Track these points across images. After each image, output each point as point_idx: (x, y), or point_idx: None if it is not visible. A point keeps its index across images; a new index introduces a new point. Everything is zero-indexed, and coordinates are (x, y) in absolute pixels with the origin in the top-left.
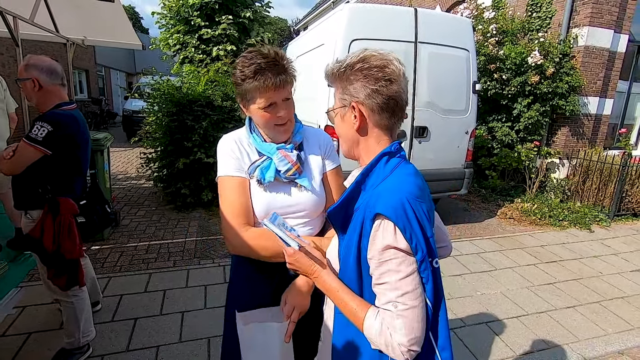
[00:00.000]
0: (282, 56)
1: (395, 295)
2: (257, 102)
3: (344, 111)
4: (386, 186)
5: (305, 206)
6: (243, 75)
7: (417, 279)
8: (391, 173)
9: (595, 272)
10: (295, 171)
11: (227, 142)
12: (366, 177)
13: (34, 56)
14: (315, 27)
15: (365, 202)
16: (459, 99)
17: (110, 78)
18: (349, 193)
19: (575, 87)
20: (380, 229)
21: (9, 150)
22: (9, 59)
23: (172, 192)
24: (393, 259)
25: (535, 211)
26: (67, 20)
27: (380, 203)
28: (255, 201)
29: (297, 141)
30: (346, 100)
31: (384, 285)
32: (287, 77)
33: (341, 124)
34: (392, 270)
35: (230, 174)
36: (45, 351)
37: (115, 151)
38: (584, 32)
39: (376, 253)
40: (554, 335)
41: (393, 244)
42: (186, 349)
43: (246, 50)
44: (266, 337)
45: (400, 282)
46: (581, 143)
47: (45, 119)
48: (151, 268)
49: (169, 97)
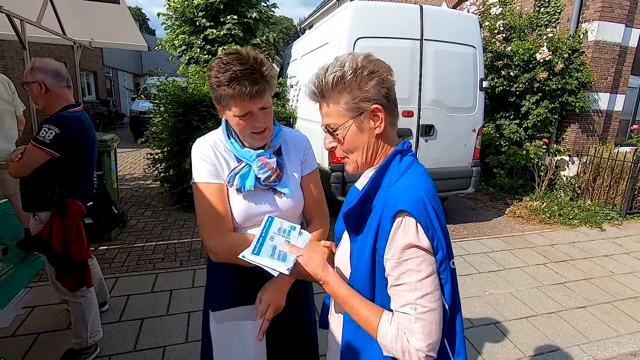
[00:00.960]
0: (262, 62)
1: (414, 296)
2: (232, 110)
3: (361, 119)
4: (404, 184)
5: (283, 211)
6: (218, 81)
7: (436, 280)
8: (406, 171)
9: (607, 271)
10: (275, 178)
11: (201, 146)
12: (382, 175)
13: (39, 59)
14: (320, 26)
15: (382, 201)
16: (465, 96)
17: (118, 79)
18: (366, 192)
19: (585, 83)
20: (401, 227)
21: (17, 152)
22: (17, 62)
23: (179, 192)
24: (414, 258)
25: (545, 210)
26: (74, 22)
27: (402, 200)
28: (235, 208)
29: (275, 145)
30: (362, 106)
31: (402, 286)
32: (265, 86)
33: (357, 135)
34: (412, 270)
35: (207, 180)
36: (53, 351)
37: (123, 152)
38: (594, 27)
39: (396, 252)
40: (564, 336)
41: (415, 242)
42: (192, 350)
43: (224, 53)
44: (240, 336)
45: (420, 283)
46: (591, 140)
47: (53, 121)
48: (158, 268)
49: (174, 97)
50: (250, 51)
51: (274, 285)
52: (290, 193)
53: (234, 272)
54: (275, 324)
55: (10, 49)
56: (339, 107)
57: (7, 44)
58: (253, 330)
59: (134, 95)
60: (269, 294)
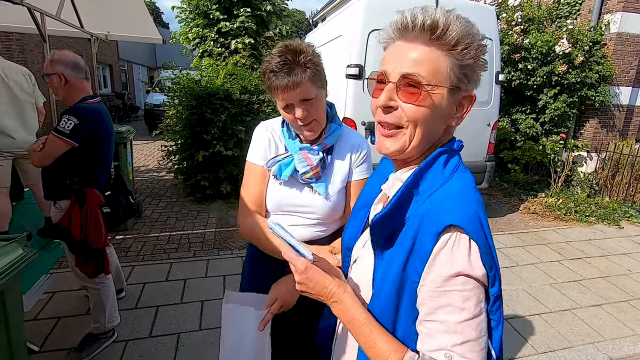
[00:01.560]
0: (300, 52)
1: (451, 341)
2: (277, 101)
3: (451, 97)
4: (452, 191)
5: (316, 210)
6: (263, 72)
7: (484, 323)
8: (452, 175)
9: (624, 269)
10: (312, 175)
11: (260, 129)
12: (420, 179)
13: (59, 51)
14: (333, 19)
15: (421, 212)
16: (481, 90)
17: (133, 72)
18: (398, 199)
19: (606, 76)
20: (447, 247)
21: (38, 143)
22: (37, 55)
23: (192, 184)
24: (459, 291)
25: (560, 206)
26: (91, 15)
27: (452, 212)
28: (269, 193)
29: (327, 144)
30: (463, 84)
31: (435, 324)
32: (302, 77)
33: (435, 110)
34: (453, 307)
35: (255, 161)
36: (73, 335)
37: (138, 144)
38: (616, 18)
39: (437, 279)
40: (578, 333)
41: (466, 270)
42: (206, 337)
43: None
44: (241, 321)
45: (462, 325)
46: (611, 135)
47: (72, 112)
48: (172, 258)
49: (188, 90)
50: (293, 43)
51: (287, 281)
52: (325, 194)
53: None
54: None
55: (29, 42)
56: (445, 63)
57: (26, 37)
58: (255, 319)
59: (148, 88)
60: (279, 289)
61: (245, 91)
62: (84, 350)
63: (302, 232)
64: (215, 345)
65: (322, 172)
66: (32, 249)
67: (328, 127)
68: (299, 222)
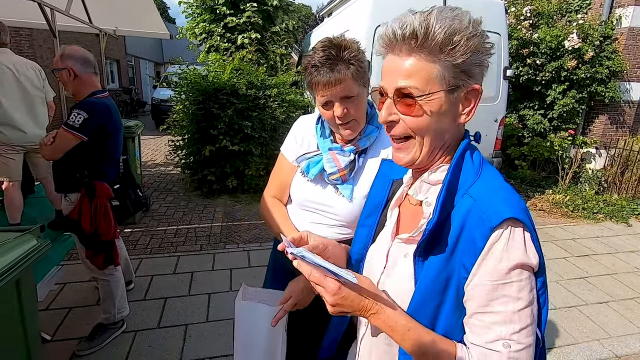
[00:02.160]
0: (344, 47)
1: (509, 331)
2: (317, 97)
3: (454, 97)
4: (493, 185)
5: (339, 212)
6: (305, 67)
7: (536, 309)
8: (482, 169)
9: (631, 267)
10: (339, 177)
11: (298, 123)
12: (458, 176)
13: (68, 47)
14: (340, 13)
15: (464, 208)
16: (488, 85)
17: (140, 68)
18: (444, 200)
19: (617, 72)
20: (501, 241)
21: (49, 137)
22: (46, 50)
23: (199, 178)
24: (515, 282)
25: (568, 203)
26: (99, 11)
27: (504, 205)
28: (295, 188)
29: (360, 146)
30: (462, 80)
31: (491, 315)
32: (345, 74)
33: (439, 114)
34: (509, 297)
35: (285, 154)
36: (84, 325)
37: (145, 139)
38: (628, 12)
39: (493, 272)
40: (583, 330)
41: (523, 260)
42: (213, 329)
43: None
44: (254, 316)
45: (518, 315)
46: (621, 132)
47: (82, 107)
48: (179, 251)
49: (195, 85)
50: (337, 38)
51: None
52: (350, 197)
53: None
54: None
55: (39, 37)
56: (435, 69)
57: (35, 32)
58: (267, 315)
59: (155, 83)
60: (295, 287)
61: (252, 86)
62: (94, 340)
63: (322, 231)
64: (222, 337)
65: (350, 175)
66: (45, 239)
67: (365, 128)
68: (321, 220)
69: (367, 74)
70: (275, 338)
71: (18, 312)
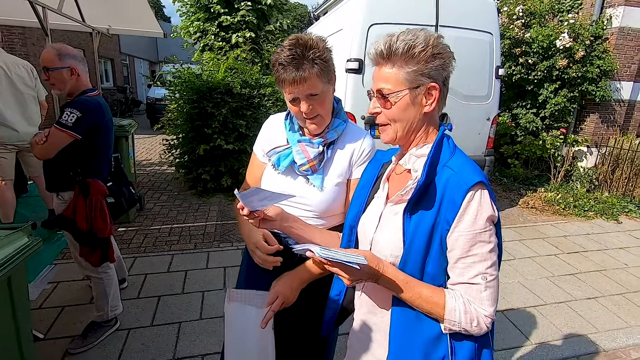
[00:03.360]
0: (310, 47)
1: (484, 267)
2: (284, 94)
3: (416, 93)
4: (464, 160)
5: (311, 202)
6: (272, 64)
7: (496, 249)
8: (455, 150)
9: (621, 264)
10: (309, 167)
11: (267, 122)
12: (439, 151)
13: (60, 45)
14: (334, 12)
15: (444, 176)
16: (481, 84)
17: (134, 67)
18: (428, 169)
19: (607, 71)
20: (476, 199)
21: (41, 135)
22: (38, 49)
23: (193, 177)
24: (487, 230)
25: (559, 201)
26: (93, 9)
27: (474, 174)
28: (266, 182)
29: (328, 138)
30: (422, 81)
31: (472, 257)
32: (310, 72)
33: (407, 106)
34: (484, 242)
35: (255, 151)
36: (77, 324)
37: (139, 138)
38: (619, 12)
39: (472, 224)
40: (572, 325)
41: (492, 214)
42: (206, 327)
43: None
44: (243, 318)
45: (490, 253)
46: (612, 130)
47: (74, 105)
48: (173, 250)
49: (189, 84)
50: (304, 37)
51: (286, 279)
52: (321, 187)
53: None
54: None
55: (31, 36)
56: (400, 74)
57: (28, 31)
58: (256, 317)
59: (150, 82)
60: (279, 286)
61: (246, 85)
62: (87, 338)
63: None
64: (216, 334)
65: (319, 166)
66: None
67: (333, 121)
68: (294, 213)
69: (332, 72)
70: (266, 339)
71: (10, 310)
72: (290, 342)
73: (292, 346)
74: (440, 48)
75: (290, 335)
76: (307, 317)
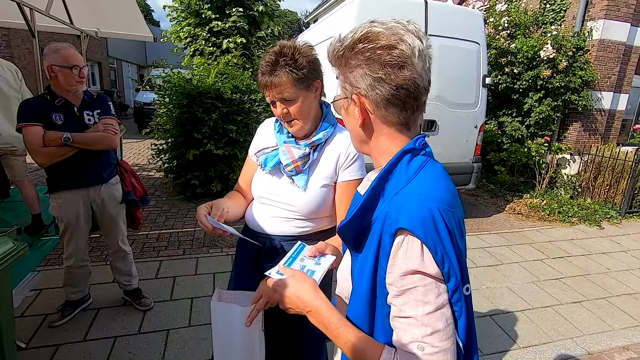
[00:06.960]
0: (283, 53)
1: (421, 333)
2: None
3: (347, 103)
4: (410, 192)
5: (293, 202)
6: (258, 66)
7: (448, 313)
8: (415, 175)
9: (604, 268)
10: (293, 168)
11: (262, 124)
12: (385, 181)
13: (66, 45)
14: (326, 19)
15: (384, 213)
16: (468, 92)
17: (122, 70)
18: (364, 202)
19: (589, 81)
20: (402, 248)
21: (112, 126)
22: (23, 51)
23: (182, 182)
24: (419, 287)
25: (544, 207)
26: (81, 12)
27: (404, 214)
28: (255, 182)
29: (315, 141)
30: (347, 90)
31: (406, 319)
32: (281, 78)
33: (346, 117)
34: (417, 301)
35: (249, 153)
36: (60, 332)
37: (127, 142)
38: (599, 25)
39: (397, 278)
40: (558, 329)
41: (419, 268)
42: (195, 334)
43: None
44: (229, 317)
45: (428, 317)
46: (593, 139)
47: (107, 100)
48: (161, 256)
49: (179, 89)
50: (287, 44)
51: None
52: (304, 188)
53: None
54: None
55: (16, 37)
56: (340, 81)
57: (13, 32)
58: (241, 316)
59: (138, 86)
60: (265, 285)
61: (237, 90)
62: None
63: (281, 226)
64: (205, 342)
65: (303, 167)
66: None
67: (321, 125)
68: (279, 214)
69: (311, 78)
70: (252, 337)
71: None
72: (286, 342)
73: (288, 346)
74: (371, 46)
75: (286, 335)
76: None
